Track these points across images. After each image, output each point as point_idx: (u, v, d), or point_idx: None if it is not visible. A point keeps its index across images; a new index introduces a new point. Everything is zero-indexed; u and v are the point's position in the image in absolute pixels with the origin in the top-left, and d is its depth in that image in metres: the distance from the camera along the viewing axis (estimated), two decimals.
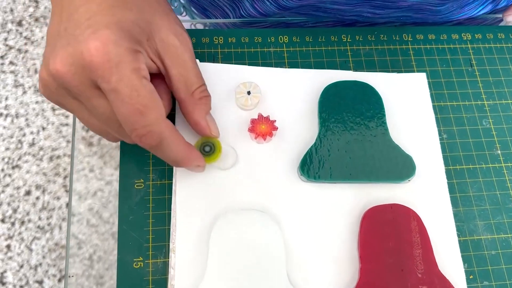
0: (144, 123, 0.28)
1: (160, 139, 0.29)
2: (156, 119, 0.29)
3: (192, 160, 0.33)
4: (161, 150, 0.30)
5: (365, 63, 0.45)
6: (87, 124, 0.32)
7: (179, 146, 0.31)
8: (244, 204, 0.37)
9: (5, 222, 1.03)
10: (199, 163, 0.34)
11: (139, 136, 0.29)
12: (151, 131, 0.29)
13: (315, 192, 0.38)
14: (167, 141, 0.30)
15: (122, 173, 0.39)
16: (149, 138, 0.29)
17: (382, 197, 0.39)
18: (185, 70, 0.33)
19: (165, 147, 0.30)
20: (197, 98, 0.34)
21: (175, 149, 0.31)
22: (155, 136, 0.29)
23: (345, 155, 0.39)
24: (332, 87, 0.41)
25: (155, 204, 0.38)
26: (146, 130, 0.29)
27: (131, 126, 0.29)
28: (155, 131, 0.29)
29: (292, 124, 0.40)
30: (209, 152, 0.36)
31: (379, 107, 0.41)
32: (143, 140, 0.29)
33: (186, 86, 0.33)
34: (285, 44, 0.45)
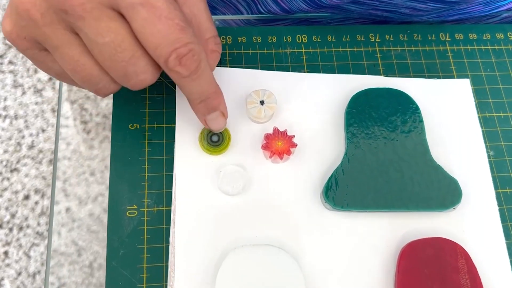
0: (186, 40, 0.24)
1: (200, 59, 0.25)
2: (194, 35, 0.25)
3: (222, 98, 0.29)
4: (198, 76, 0.26)
5: (397, 67, 0.39)
6: (76, 65, 0.25)
7: (211, 74, 0.27)
8: (257, 237, 0.32)
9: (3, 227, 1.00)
10: (225, 108, 0.30)
11: (180, 57, 0.24)
12: (193, 49, 0.24)
13: (343, 223, 0.33)
14: (205, 64, 0.26)
15: (112, 198, 0.33)
16: (190, 58, 0.24)
17: (423, 229, 0.33)
18: (199, 12, 0.29)
19: (202, 72, 0.26)
20: (209, 48, 0.29)
21: (210, 76, 0.27)
22: (196, 55, 0.25)
23: (378, 178, 0.33)
24: (361, 96, 0.35)
25: (150, 236, 0.32)
26: (188, 48, 0.24)
27: (170, 46, 0.24)
28: (196, 49, 0.25)
29: (314, 140, 0.35)
30: (217, 142, 0.32)
31: (417, 120, 0.35)
32: (184, 62, 0.24)
33: (200, 30, 0.29)
34: (303, 44, 0.39)
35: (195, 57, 0.25)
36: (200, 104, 0.28)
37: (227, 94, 0.35)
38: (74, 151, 0.35)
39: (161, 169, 0.34)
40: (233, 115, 0.35)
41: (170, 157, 0.34)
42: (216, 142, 0.33)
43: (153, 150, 0.34)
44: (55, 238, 0.29)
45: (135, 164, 0.34)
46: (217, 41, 0.30)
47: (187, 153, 0.33)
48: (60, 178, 0.31)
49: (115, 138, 0.34)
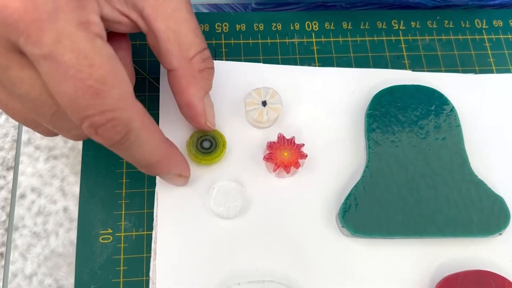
0: (102, 107, 0.20)
1: (127, 129, 0.21)
2: (120, 99, 0.20)
3: (173, 163, 0.25)
4: (127, 147, 0.22)
5: (425, 60, 0.34)
6: (6, 109, 0.23)
7: (154, 140, 0.23)
8: (257, 272, 0.27)
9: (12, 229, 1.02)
10: (182, 170, 0.26)
11: (95, 126, 0.20)
12: (113, 118, 0.20)
13: (364, 252, 0.28)
14: (137, 133, 0.22)
15: (82, 220, 0.29)
16: (110, 129, 0.20)
17: (462, 260, 0.28)
18: (178, 25, 0.24)
19: (133, 142, 0.22)
20: (196, 68, 0.25)
21: (149, 144, 0.23)
22: (119, 125, 0.21)
23: (407, 196, 0.28)
24: (385, 95, 0.30)
25: (128, 267, 0.28)
26: (106, 117, 0.20)
27: (80, 113, 0.20)
28: (119, 118, 0.20)
29: (328, 149, 0.30)
30: (210, 149, 0.28)
31: (454, 124, 0.30)
32: (101, 133, 0.20)
33: (181, 48, 0.25)
34: (314, 33, 0.34)
35: (118, 128, 0.20)
36: (142, 169, 0.25)
37: (221, 93, 0.31)
38: (72, 149, 0.32)
39: (142, 184, 0.29)
40: (229, 118, 0.30)
41: None
42: (207, 149, 0.28)
43: None
44: (52, 239, 0.28)
45: (110, 177, 0.29)
46: (205, 56, 0.26)
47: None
48: (57, 176, 0.29)
49: (86, 146, 0.30)
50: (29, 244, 0.28)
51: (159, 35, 0.24)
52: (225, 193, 0.27)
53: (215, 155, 0.28)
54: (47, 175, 0.29)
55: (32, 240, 0.28)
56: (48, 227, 0.28)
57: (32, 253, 0.28)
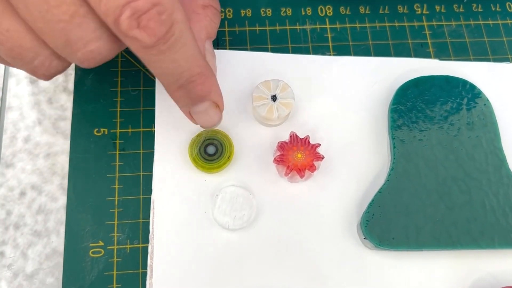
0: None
1: (172, 20, 0.18)
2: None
3: (214, 81, 0.22)
4: (170, 47, 0.19)
5: (452, 48, 0.32)
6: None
7: (195, 43, 0.20)
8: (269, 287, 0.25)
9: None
10: (219, 95, 0.23)
11: (138, 15, 0.17)
12: (159, 3, 0.17)
13: (389, 266, 0.25)
14: (181, 27, 0.19)
15: (70, 230, 0.26)
16: (155, 17, 0.18)
17: (500, 274, 0.26)
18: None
19: (178, 40, 0.19)
20: (199, 2, 0.24)
21: (193, 48, 0.20)
22: (165, 13, 0.18)
23: (438, 203, 0.25)
24: (410, 87, 0.28)
25: (122, 284, 0.25)
26: (151, 1, 0.17)
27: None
28: (165, 3, 0.18)
29: (347, 150, 0.28)
30: (214, 156, 0.26)
31: (489, 121, 0.27)
32: (145, 23, 0.18)
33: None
34: (328, 18, 0.32)
35: (164, 16, 0.18)
36: (179, 90, 0.22)
37: (225, 86, 0.29)
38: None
39: (137, 190, 0.27)
40: (234, 115, 0.28)
41: (149, 173, 0.27)
42: (212, 156, 0.26)
43: (126, 164, 0.28)
44: (54, 238, 0.27)
45: (101, 183, 0.28)
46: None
47: (170, 170, 0.27)
48: (58, 173, 0.28)
49: (74, 148, 0.28)
50: (30, 243, 0.27)
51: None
52: (231, 200, 0.25)
53: (221, 162, 0.26)
54: (47, 172, 0.28)
55: (33, 238, 0.27)
56: (49, 226, 0.27)
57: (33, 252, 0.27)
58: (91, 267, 0.26)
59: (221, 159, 0.26)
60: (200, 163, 0.26)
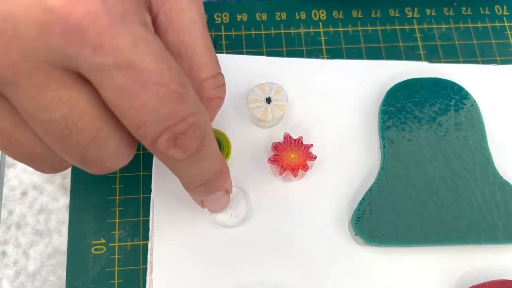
0: (185, 113, 0.18)
1: (203, 134, 0.19)
2: (197, 102, 0.18)
3: (228, 173, 0.23)
4: (201, 157, 0.20)
5: (442, 50, 0.32)
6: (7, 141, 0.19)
7: (217, 147, 0.21)
8: (263, 285, 0.25)
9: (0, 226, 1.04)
10: (229, 185, 0.24)
11: (175, 137, 0.18)
12: (194, 123, 0.18)
13: (379, 262, 0.26)
14: (211, 138, 0.20)
15: (73, 229, 0.27)
16: (191, 136, 0.18)
17: (487, 269, 0.26)
18: (193, 40, 0.22)
19: (208, 149, 0.20)
20: (206, 95, 0.23)
21: (215, 151, 0.21)
22: (198, 130, 0.18)
23: (426, 201, 0.26)
24: (400, 89, 0.28)
25: (123, 280, 0.26)
26: (189, 123, 0.18)
27: (162, 124, 0.17)
28: (199, 122, 0.18)
29: (339, 150, 0.28)
30: None
31: (476, 121, 0.28)
32: (181, 142, 0.18)
33: (193, 67, 0.22)
34: (321, 22, 0.33)
35: (197, 133, 0.18)
36: (198, 188, 0.22)
37: None
38: None
39: (137, 189, 0.28)
40: (230, 117, 0.28)
41: (149, 173, 0.28)
42: None
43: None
44: (55, 237, 0.27)
45: (102, 183, 0.28)
46: (219, 82, 0.23)
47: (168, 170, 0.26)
48: (59, 173, 0.28)
49: None
50: (32, 242, 0.27)
51: (169, 48, 0.21)
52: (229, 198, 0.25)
53: None
54: None
55: (34, 238, 0.27)
56: (51, 225, 0.28)
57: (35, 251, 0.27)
58: (93, 263, 0.26)
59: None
60: None
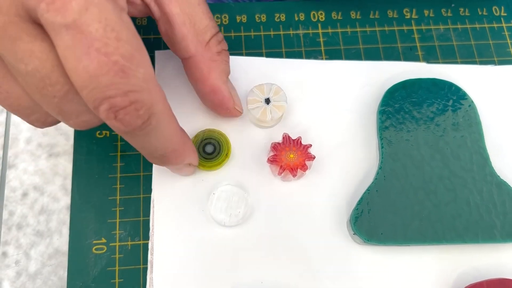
0: (126, 87, 0.18)
1: (149, 113, 0.19)
2: (145, 80, 0.18)
3: (187, 153, 0.23)
4: (145, 134, 0.20)
5: (440, 51, 0.32)
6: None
7: (172, 127, 0.21)
8: (262, 283, 0.25)
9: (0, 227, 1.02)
10: (193, 159, 0.24)
11: (115, 109, 0.18)
12: (137, 100, 0.18)
13: (377, 261, 0.26)
14: (159, 118, 0.20)
15: (74, 229, 0.27)
16: (132, 113, 0.18)
17: (484, 268, 0.26)
18: (192, 8, 0.24)
19: (153, 129, 0.20)
20: (214, 51, 0.25)
21: (167, 132, 0.21)
22: (142, 108, 0.18)
23: (424, 201, 0.26)
24: (398, 89, 0.28)
25: (124, 279, 0.26)
26: (129, 99, 0.18)
27: (100, 93, 0.17)
28: (143, 100, 0.18)
29: (337, 150, 0.28)
30: (212, 154, 0.27)
31: (474, 121, 0.28)
32: (122, 117, 0.18)
33: (197, 32, 0.24)
34: (320, 23, 0.32)
35: (141, 111, 0.18)
36: (153, 159, 0.23)
37: None
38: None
39: (138, 190, 0.28)
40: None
41: (149, 173, 0.28)
42: (210, 154, 0.27)
43: (127, 164, 0.28)
44: (56, 237, 0.27)
45: (104, 183, 0.28)
46: (220, 38, 0.25)
47: (168, 170, 0.27)
48: (60, 174, 0.29)
49: (78, 150, 0.28)
50: (33, 243, 0.27)
51: (173, 19, 0.23)
52: (227, 199, 0.25)
53: (217, 161, 0.26)
54: (49, 173, 0.29)
55: (35, 238, 0.27)
56: (52, 226, 0.28)
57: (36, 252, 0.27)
58: (94, 263, 0.26)
59: (219, 157, 0.26)
60: (201, 162, 0.26)
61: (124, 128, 0.19)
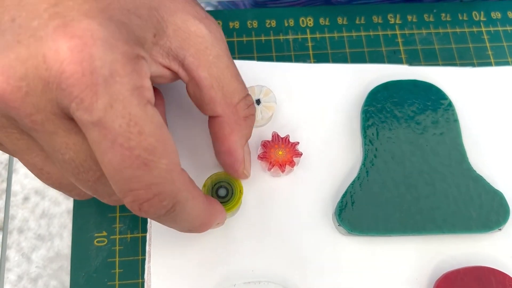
0: (148, 180, 0.18)
1: (173, 203, 0.19)
2: (168, 171, 0.19)
3: (213, 220, 0.23)
4: (171, 218, 0.20)
5: (423, 54, 0.34)
6: (40, 173, 0.21)
7: (199, 207, 0.21)
8: (253, 272, 0.26)
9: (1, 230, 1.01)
10: (220, 220, 0.24)
11: (139, 202, 0.19)
12: (160, 192, 0.19)
13: (361, 251, 0.27)
14: (184, 204, 0.20)
15: (76, 223, 0.28)
16: (156, 204, 0.19)
17: (462, 257, 0.27)
18: (221, 71, 0.23)
19: (178, 214, 0.20)
20: (241, 115, 0.25)
21: (194, 212, 0.21)
22: (166, 200, 0.19)
23: (404, 194, 0.27)
24: (380, 90, 0.30)
25: (123, 270, 0.27)
26: (153, 192, 0.18)
27: (124, 185, 0.18)
28: (166, 191, 0.19)
29: (324, 147, 0.29)
30: (225, 197, 0.26)
31: (452, 119, 0.29)
32: (146, 209, 0.19)
33: (225, 95, 0.24)
34: (309, 29, 0.34)
35: (165, 202, 0.19)
36: (184, 232, 0.23)
37: None
38: None
39: None
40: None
41: None
42: (223, 198, 0.26)
43: None
44: (57, 241, 0.28)
45: None
46: (249, 102, 0.25)
47: None
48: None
49: None
50: (34, 247, 0.28)
51: (201, 83, 0.23)
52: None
53: (231, 204, 0.26)
54: None
55: (37, 242, 0.28)
56: (53, 229, 0.28)
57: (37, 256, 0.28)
58: (96, 254, 0.27)
59: (232, 201, 0.26)
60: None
61: (149, 216, 0.19)
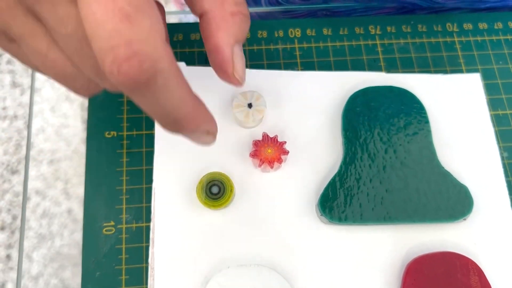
0: (130, 36, 0.16)
1: (154, 69, 0.17)
2: (151, 32, 0.17)
3: (202, 118, 0.21)
4: (153, 92, 0.18)
5: (400, 62, 0.36)
6: (45, 62, 0.20)
7: (183, 89, 0.19)
8: (245, 256, 0.29)
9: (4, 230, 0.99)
10: (210, 126, 0.21)
11: (118, 61, 0.16)
12: (141, 51, 0.17)
13: (341, 238, 0.30)
14: (166, 77, 0.18)
15: (87, 214, 0.31)
16: (135, 65, 0.17)
17: (430, 243, 0.30)
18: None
19: (161, 87, 0.18)
20: (228, 10, 0.22)
21: (178, 93, 0.19)
22: (147, 62, 0.17)
23: (379, 187, 0.30)
24: (359, 95, 0.32)
25: (129, 255, 0.30)
26: (131, 49, 0.16)
27: (106, 42, 0.16)
28: (147, 52, 0.17)
29: (308, 146, 0.32)
30: (218, 194, 0.28)
31: (423, 121, 0.32)
32: (125, 69, 0.17)
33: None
34: (297, 39, 0.36)
35: (145, 65, 0.17)
36: (166, 126, 0.21)
37: (211, 96, 0.32)
38: (75, 151, 0.34)
39: (141, 181, 0.31)
40: (218, 119, 0.31)
41: (150, 167, 0.31)
42: (216, 195, 0.28)
43: (132, 160, 0.32)
44: (58, 240, 0.30)
45: (112, 176, 0.31)
46: (241, 1, 0.23)
47: (167, 161, 0.30)
48: (61, 179, 0.31)
49: (90, 148, 0.32)
50: (35, 246, 0.28)
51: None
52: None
53: (223, 200, 0.28)
54: (51, 178, 0.29)
55: (37, 241, 0.28)
56: (53, 229, 0.29)
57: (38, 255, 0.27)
58: (104, 242, 0.29)
59: (224, 197, 0.28)
60: (210, 203, 0.28)
61: (128, 82, 0.17)
